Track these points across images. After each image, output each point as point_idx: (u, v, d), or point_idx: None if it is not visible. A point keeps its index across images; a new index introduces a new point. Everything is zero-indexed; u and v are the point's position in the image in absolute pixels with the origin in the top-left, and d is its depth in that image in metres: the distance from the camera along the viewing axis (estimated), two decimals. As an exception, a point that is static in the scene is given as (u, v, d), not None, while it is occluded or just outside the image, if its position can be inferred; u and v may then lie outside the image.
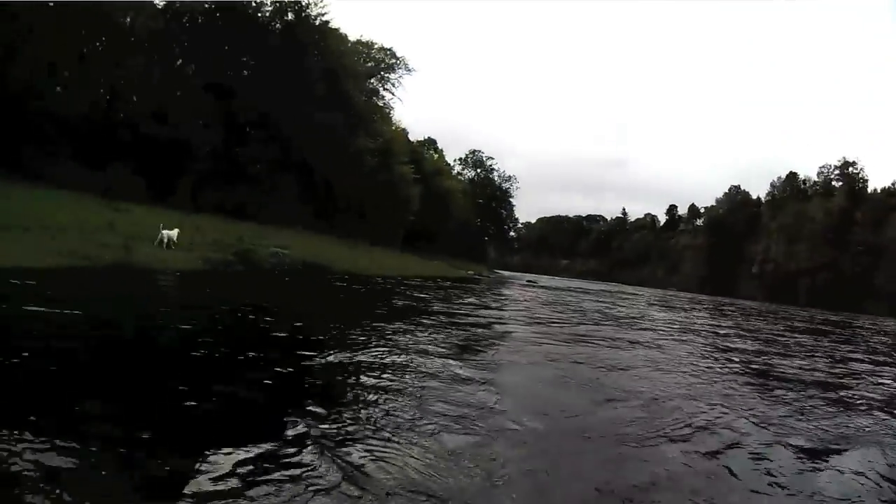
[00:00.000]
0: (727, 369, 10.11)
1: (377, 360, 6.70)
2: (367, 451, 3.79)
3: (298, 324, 8.74)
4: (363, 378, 5.78)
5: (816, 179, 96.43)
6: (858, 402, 8.12)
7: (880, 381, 10.74)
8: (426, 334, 9.27)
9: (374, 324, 9.58)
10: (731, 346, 14.50)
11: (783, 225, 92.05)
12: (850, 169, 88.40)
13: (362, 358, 6.71)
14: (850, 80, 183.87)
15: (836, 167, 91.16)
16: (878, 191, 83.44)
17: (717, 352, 12.60)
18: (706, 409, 6.40)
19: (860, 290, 73.88)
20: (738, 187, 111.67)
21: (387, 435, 4.17)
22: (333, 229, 31.74)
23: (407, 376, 6.15)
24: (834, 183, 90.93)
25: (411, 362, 6.81)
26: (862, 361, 14.18)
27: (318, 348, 7.04)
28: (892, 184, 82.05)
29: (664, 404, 6.50)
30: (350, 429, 4.22)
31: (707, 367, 9.97)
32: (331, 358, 6.58)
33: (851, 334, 25.97)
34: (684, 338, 15.30)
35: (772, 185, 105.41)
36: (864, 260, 75.58)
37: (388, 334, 8.71)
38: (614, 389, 6.94)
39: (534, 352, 9.32)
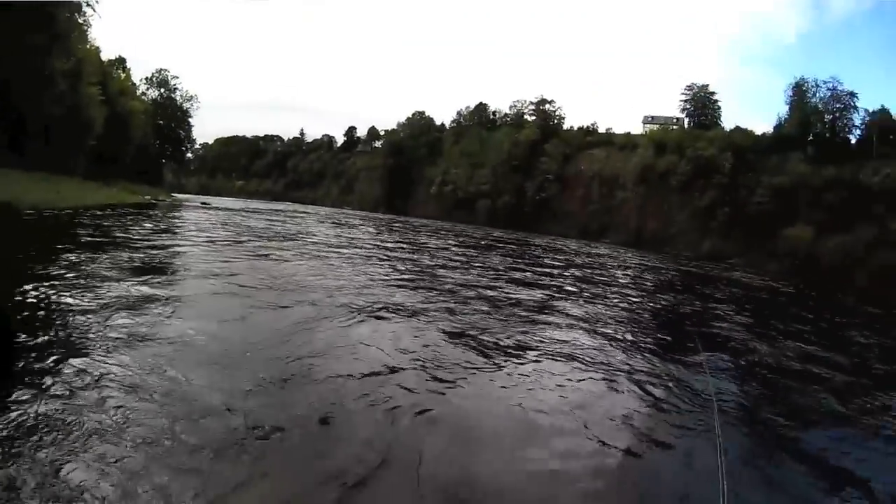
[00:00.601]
0: (386, 277, 11.55)
1: (67, 290, 6.74)
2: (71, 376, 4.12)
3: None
4: (53, 316, 5.78)
5: (508, 112, 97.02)
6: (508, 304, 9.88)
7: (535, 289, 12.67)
8: (110, 262, 9.39)
9: (63, 257, 9.33)
10: (395, 256, 16.90)
11: (467, 150, 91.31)
12: (547, 106, 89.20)
13: (52, 291, 6.60)
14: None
15: (531, 102, 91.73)
16: (574, 129, 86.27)
17: (379, 262, 14.47)
18: (369, 306, 8.01)
19: (545, 214, 76.45)
20: (422, 113, 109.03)
21: (85, 352, 4.66)
22: (24, 161, 29.65)
23: (96, 301, 6.34)
24: (527, 117, 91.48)
25: (100, 288, 7.11)
26: (522, 271, 16.97)
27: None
28: (592, 124, 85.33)
29: (330, 306, 7.73)
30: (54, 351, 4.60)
31: (366, 276, 11.36)
32: (22, 297, 6.31)
33: (521, 251, 28.53)
34: (348, 251, 16.97)
35: (458, 113, 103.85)
36: (552, 187, 77.48)
37: (76, 265, 8.67)
38: (282, 295, 8.13)
39: (205, 268, 10.02)
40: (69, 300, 6.39)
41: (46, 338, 4.97)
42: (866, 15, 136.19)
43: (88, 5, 37.15)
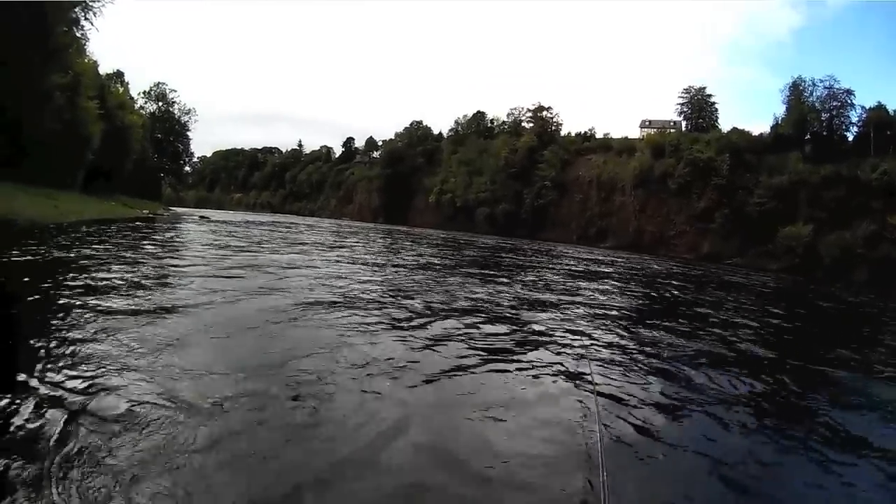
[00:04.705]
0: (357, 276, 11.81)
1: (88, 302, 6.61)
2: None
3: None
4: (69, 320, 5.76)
5: (506, 120, 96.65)
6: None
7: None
8: (118, 275, 9.02)
9: (74, 274, 8.79)
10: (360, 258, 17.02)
11: (465, 158, 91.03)
12: (545, 113, 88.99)
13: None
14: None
15: (529, 110, 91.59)
16: (573, 134, 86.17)
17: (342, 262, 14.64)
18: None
19: (543, 220, 76.56)
20: (420, 122, 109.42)
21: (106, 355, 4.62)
22: (21, 175, 28.54)
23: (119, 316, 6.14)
24: (525, 124, 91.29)
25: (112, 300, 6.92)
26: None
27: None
28: (590, 129, 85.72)
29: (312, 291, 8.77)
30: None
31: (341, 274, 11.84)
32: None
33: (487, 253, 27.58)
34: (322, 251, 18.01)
35: (456, 121, 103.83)
36: (550, 193, 77.17)
37: (89, 281, 8.22)
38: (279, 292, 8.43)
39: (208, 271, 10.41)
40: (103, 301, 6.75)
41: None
42: (859, 9, 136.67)
43: (87, 19, 36.55)
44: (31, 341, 4.61)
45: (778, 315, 13.95)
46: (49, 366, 4.13)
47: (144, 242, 16.50)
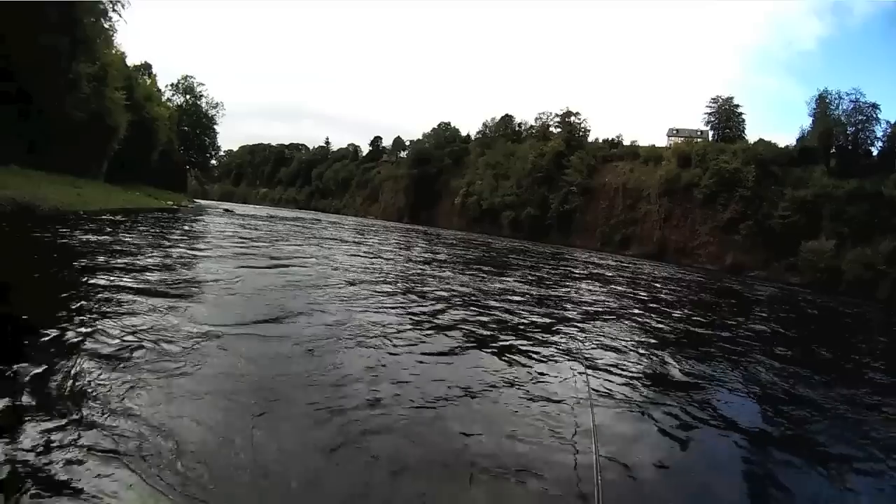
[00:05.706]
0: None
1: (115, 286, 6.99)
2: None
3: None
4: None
5: (533, 124, 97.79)
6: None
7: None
8: (142, 259, 9.67)
9: (105, 262, 9.13)
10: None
11: (492, 162, 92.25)
12: (573, 118, 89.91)
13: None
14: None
15: (556, 115, 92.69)
16: (600, 141, 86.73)
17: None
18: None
19: (568, 226, 77.54)
20: (448, 123, 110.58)
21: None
22: (47, 163, 29.55)
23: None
24: (553, 129, 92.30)
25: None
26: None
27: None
28: (617, 136, 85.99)
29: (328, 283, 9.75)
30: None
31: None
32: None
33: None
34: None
35: (484, 124, 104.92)
36: (576, 199, 77.99)
37: (126, 271, 8.47)
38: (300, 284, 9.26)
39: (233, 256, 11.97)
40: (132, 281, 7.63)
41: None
42: (885, 20, 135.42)
43: (115, 10, 36.81)
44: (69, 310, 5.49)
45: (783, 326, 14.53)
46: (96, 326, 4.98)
47: (168, 232, 17.24)
